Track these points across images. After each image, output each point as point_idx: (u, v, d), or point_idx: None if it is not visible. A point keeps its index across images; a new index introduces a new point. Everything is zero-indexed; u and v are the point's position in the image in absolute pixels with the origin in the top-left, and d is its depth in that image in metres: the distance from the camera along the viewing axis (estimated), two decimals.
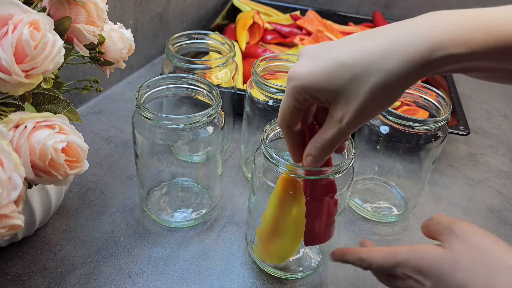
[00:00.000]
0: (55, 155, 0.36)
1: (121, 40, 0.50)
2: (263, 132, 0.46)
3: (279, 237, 0.48)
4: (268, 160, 0.44)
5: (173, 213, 0.59)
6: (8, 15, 0.34)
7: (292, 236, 0.48)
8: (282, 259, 0.51)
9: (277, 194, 0.44)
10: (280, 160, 0.43)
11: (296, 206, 0.45)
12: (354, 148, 0.45)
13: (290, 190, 0.44)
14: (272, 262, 0.52)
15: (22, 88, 0.36)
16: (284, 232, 0.47)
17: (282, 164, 0.43)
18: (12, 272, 0.50)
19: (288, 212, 0.45)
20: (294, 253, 0.49)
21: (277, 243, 0.49)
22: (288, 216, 0.46)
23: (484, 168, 0.75)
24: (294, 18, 1.02)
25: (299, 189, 0.44)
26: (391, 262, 0.39)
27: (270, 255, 0.51)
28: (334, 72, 0.34)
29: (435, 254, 0.36)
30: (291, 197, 0.44)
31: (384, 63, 0.32)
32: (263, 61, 0.61)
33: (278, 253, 0.50)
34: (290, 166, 0.42)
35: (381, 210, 0.63)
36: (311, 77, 0.34)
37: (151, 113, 0.48)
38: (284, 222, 0.46)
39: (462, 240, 0.36)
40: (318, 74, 0.34)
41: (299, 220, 0.46)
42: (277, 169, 0.44)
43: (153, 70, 0.92)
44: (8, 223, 0.33)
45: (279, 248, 0.49)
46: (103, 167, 0.66)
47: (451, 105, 0.56)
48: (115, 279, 0.51)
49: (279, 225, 0.47)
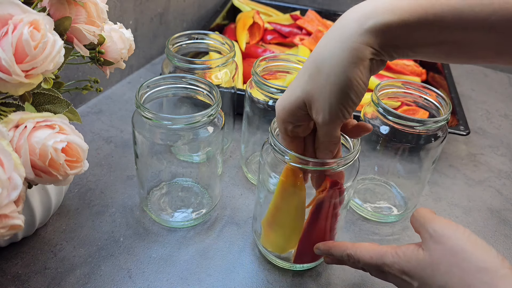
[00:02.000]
0: (55, 155, 0.36)
1: (121, 40, 0.50)
2: (272, 124, 0.47)
3: (278, 226, 0.50)
4: (274, 150, 0.45)
5: (173, 213, 0.59)
6: (8, 15, 0.34)
7: (291, 227, 0.49)
8: (282, 250, 0.52)
9: (279, 183, 0.46)
10: (285, 150, 0.44)
11: (296, 197, 0.47)
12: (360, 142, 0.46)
13: (291, 180, 0.46)
14: (274, 250, 0.53)
15: (22, 88, 0.36)
16: (283, 221, 0.49)
17: (287, 154, 0.44)
18: (12, 272, 0.50)
19: (288, 201, 0.47)
20: (294, 246, 0.50)
21: (276, 232, 0.51)
22: (288, 206, 0.48)
23: (484, 168, 0.75)
24: (294, 18, 1.02)
25: (301, 180, 0.46)
26: (378, 263, 0.41)
27: (271, 243, 0.52)
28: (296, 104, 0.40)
29: (417, 258, 0.38)
30: (292, 186, 0.46)
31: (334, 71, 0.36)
32: (263, 61, 0.61)
33: (278, 242, 0.52)
34: (293, 156, 0.44)
35: (381, 210, 0.63)
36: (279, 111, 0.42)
37: (151, 113, 0.48)
38: (283, 211, 0.48)
39: (437, 241, 0.37)
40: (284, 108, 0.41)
41: (298, 211, 0.47)
42: (283, 159, 0.45)
43: (153, 70, 0.92)
44: (8, 223, 0.33)
45: (278, 236, 0.51)
46: (103, 167, 0.66)
47: (451, 105, 0.56)
48: (115, 279, 0.51)
49: (279, 213, 0.49)
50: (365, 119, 0.59)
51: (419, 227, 0.40)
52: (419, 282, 0.38)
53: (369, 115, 0.58)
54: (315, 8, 1.06)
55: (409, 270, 0.38)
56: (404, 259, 0.39)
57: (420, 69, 0.92)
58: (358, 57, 0.35)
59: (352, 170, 0.48)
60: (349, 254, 0.44)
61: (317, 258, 0.52)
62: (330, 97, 0.37)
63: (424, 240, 0.39)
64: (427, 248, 0.38)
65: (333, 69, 0.36)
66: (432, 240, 0.38)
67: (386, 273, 0.41)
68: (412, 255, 0.39)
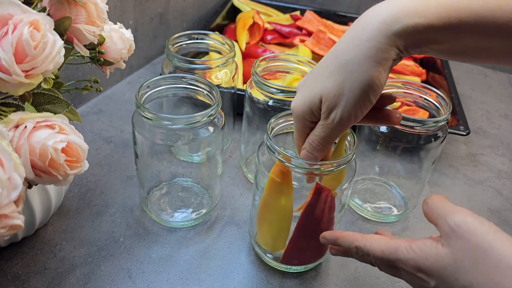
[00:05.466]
0: (55, 155, 0.36)
1: (121, 40, 0.50)
2: (268, 126, 0.48)
3: (267, 223, 0.51)
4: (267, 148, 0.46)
5: (173, 213, 0.59)
6: (8, 15, 0.34)
7: (278, 226, 0.50)
8: (272, 248, 0.52)
9: (268, 180, 0.47)
10: (277, 148, 0.44)
11: (284, 197, 0.47)
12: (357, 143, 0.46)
13: (279, 177, 0.46)
14: (264, 247, 0.53)
15: (22, 88, 0.36)
16: (271, 218, 0.50)
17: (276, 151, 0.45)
18: (12, 272, 0.50)
19: (276, 198, 0.48)
20: (283, 246, 0.51)
21: (265, 229, 0.51)
22: (275, 204, 0.48)
23: (484, 168, 0.75)
24: (294, 18, 1.02)
25: (289, 179, 0.46)
26: (391, 258, 0.38)
27: (261, 239, 0.53)
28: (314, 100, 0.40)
29: (436, 255, 0.35)
30: (280, 185, 0.46)
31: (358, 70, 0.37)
32: (263, 61, 0.61)
33: (267, 239, 0.52)
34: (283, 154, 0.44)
35: (381, 210, 0.63)
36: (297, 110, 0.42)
37: (151, 113, 0.48)
38: (271, 208, 0.49)
39: (460, 236, 0.34)
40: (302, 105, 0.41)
41: (286, 211, 0.48)
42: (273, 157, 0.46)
43: (153, 70, 0.92)
44: (8, 223, 0.33)
45: (266, 234, 0.52)
46: (103, 167, 0.66)
47: (451, 105, 0.56)
48: (115, 279, 0.51)
49: (267, 210, 0.49)
50: None
51: (437, 218, 0.37)
52: (437, 281, 0.35)
53: None
54: (315, 8, 1.06)
55: (427, 268, 0.35)
56: (421, 255, 0.35)
57: (420, 69, 0.92)
58: (383, 58, 0.36)
59: (349, 172, 0.48)
60: (357, 247, 0.40)
61: (305, 263, 0.53)
62: (348, 95, 0.37)
63: (444, 234, 0.35)
64: (448, 244, 0.34)
65: (356, 68, 0.37)
66: (455, 235, 0.34)
67: (399, 269, 0.38)
68: (430, 251, 0.35)
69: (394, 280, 0.54)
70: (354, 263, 0.55)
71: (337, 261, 0.56)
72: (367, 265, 0.53)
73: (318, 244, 0.50)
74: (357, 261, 0.55)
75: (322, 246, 0.51)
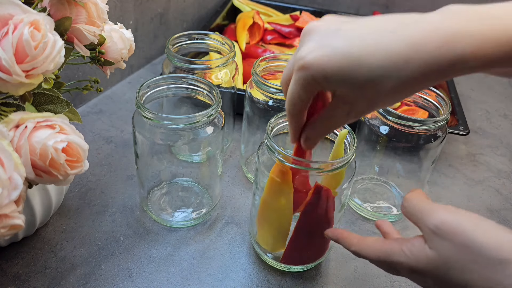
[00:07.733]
0: (56, 155, 0.36)
1: (121, 40, 0.50)
2: (268, 126, 0.48)
3: (267, 223, 0.51)
4: (267, 148, 0.46)
5: (173, 213, 0.59)
6: (9, 15, 0.34)
7: (278, 226, 0.50)
8: (272, 247, 0.52)
9: (268, 179, 0.47)
10: (277, 148, 0.44)
11: (283, 196, 0.47)
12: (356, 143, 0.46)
13: (279, 177, 0.46)
14: (265, 247, 0.53)
15: (23, 88, 0.36)
16: (271, 218, 0.50)
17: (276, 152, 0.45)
18: (13, 271, 0.50)
19: (276, 198, 0.48)
20: (283, 246, 0.51)
21: (265, 228, 0.51)
22: (275, 203, 0.48)
23: (483, 168, 0.75)
24: (294, 18, 1.02)
25: (289, 178, 0.46)
26: (387, 261, 0.38)
27: (261, 238, 0.53)
28: (351, 72, 0.32)
29: (426, 258, 0.35)
30: (279, 184, 0.46)
31: (404, 70, 0.32)
32: (263, 61, 0.61)
33: (267, 239, 0.52)
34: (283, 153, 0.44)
35: (380, 210, 0.63)
36: (325, 71, 0.33)
37: (151, 113, 0.48)
38: (271, 208, 0.49)
39: (443, 238, 0.34)
40: (332, 70, 0.33)
41: (286, 210, 0.48)
42: (273, 157, 0.46)
43: (153, 70, 0.92)
44: (9, 223, 0.33)
45: (266, 233, 0.52)
46: (103, 167, 0.66)
47: (451, 105, 0.56)
48: (115, 278, 0.51)
49: (267, 210, 0.49)
50: (365, 119, 0.59)
51: (416, 221, 0.37)
52: (434, 281, 0.35)
53: (369, 115, 0.58)
54: (315, 8, 1.06)
55: (420, 270, 0.35)
56: (413, 259, 0.36)
57: None
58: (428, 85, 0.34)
59: (349, 171, 0.48)
60: (354, 251, 0.41)
61: (305, 262, 0.53)
62: None
63: (427, 236, 0.35)
64: (434, 246, 0.34)
65: None
66: (437, 237, 0.34)
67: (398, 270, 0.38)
68: (420, 254, 0.35)
69: (394, 280, 0.54)
70: (353, 262, 0.55)
71: (337, 260, 0.56)
72: (367, 265, 0.54)
73: (318, 244, 0.50)
74: (357, 261, 0.56)
75: (322, 245, 0.51)
